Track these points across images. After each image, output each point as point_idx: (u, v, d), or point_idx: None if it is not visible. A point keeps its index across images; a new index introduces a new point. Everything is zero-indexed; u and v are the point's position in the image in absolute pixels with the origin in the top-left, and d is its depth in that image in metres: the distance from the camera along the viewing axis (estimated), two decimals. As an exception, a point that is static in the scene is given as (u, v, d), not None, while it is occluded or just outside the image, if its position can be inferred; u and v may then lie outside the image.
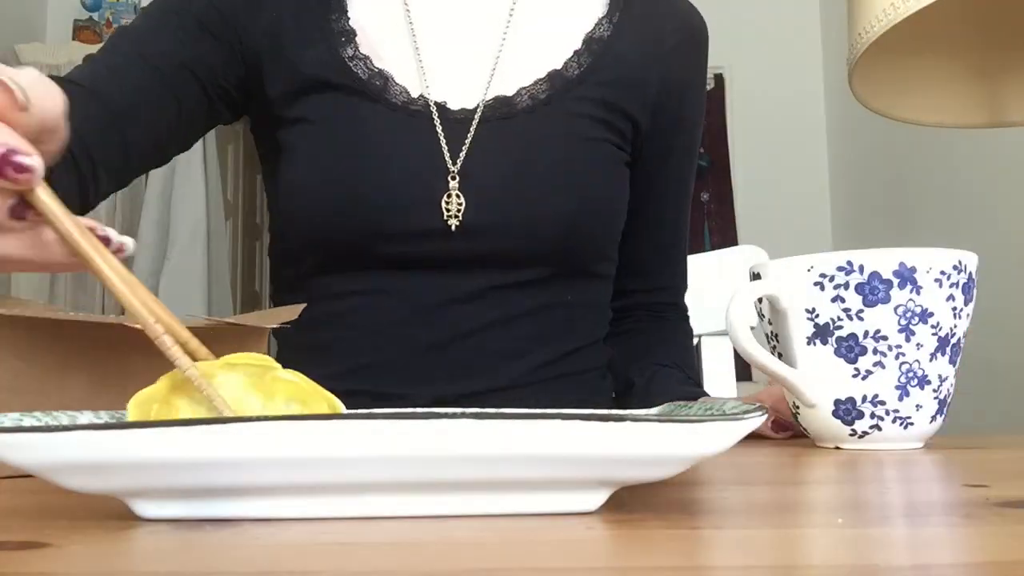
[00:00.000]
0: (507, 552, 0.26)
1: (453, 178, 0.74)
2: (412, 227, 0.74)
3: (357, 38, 0.77)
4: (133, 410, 0.34)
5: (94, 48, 3.36)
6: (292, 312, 0.55)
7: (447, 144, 0.75)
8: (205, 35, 0.76)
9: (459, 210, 0.73)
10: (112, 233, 0.37)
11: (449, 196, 0.73)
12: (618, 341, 0.87)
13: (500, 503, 0.31)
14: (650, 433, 0.29)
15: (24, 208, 0.36)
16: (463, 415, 0.28)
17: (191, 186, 3.03)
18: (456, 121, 0.76)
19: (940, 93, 0.95)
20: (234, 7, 0.77)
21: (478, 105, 0.76)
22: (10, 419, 0.32)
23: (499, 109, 0.76)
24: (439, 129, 0.75)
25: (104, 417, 0.37)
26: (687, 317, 0.92)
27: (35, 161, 0.34)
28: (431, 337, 0.75)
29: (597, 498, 0.32)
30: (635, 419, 0.29)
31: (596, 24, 0.79)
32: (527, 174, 0.75)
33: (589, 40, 0.79)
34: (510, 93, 0.77)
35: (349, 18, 0.78)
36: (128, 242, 0.38)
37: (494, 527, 0.29)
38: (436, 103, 0.76)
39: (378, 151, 0.74)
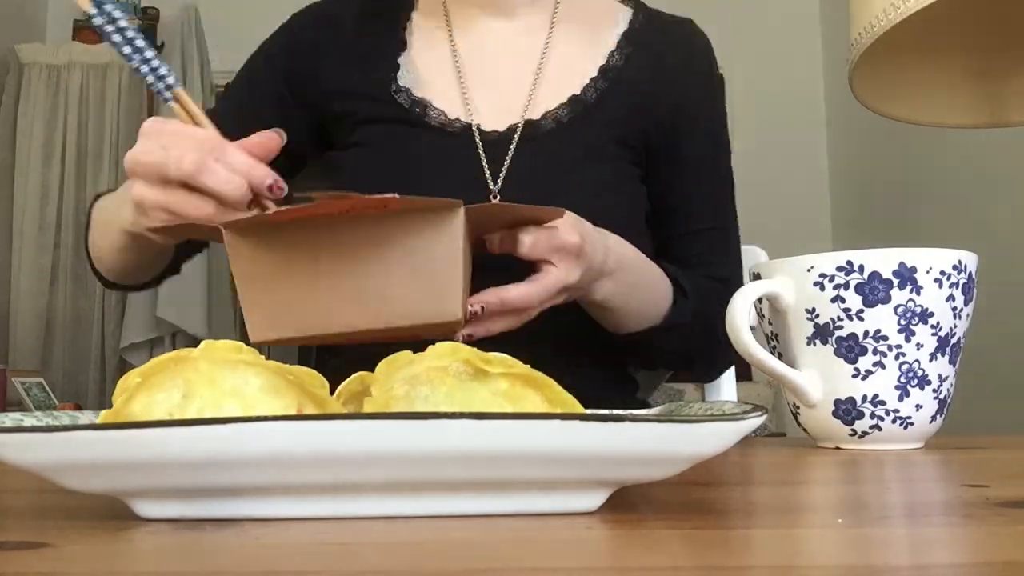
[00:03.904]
0: (507, 552, 0.26)
1: (494, 197, 0.79)
2: None
3: (401, 72, 0.86)
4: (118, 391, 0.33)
5: (94, 48, 3.37)
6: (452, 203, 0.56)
7: (487, 165, 0.81)
8: (289, 113, 0.87)
9: None
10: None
11: None
12: None
13: (500, 503, 0.31)
14: (650, 433, 0.29)
15: (255, 203, 0.57)
16: (463, 415, 0.28)
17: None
18: (491, 143, 0.82)
19: (940, 93, 0.95)
20: (302, 79, 0.88)
21: (510, 127, 0.83)
22: (10, 419, 0.32)
23: (526, 131, 0.83)
24: (480, 150, 0.81)
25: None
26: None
27: (285, 185, 0.57)
28: None
29: (597, 498, 0.32)
30: (635, 419, 0.29)
31: (609, 55, 0.88)
32: (556, 194, 0.77)
33: (604, 69, 0.87)
34: (536, 117, 0.84)
35: (400, 55, 0.87)
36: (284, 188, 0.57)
37: (494, 527, 0.29)
38: (474, 125, 0.82)
39: (421, 170, 0.81)
